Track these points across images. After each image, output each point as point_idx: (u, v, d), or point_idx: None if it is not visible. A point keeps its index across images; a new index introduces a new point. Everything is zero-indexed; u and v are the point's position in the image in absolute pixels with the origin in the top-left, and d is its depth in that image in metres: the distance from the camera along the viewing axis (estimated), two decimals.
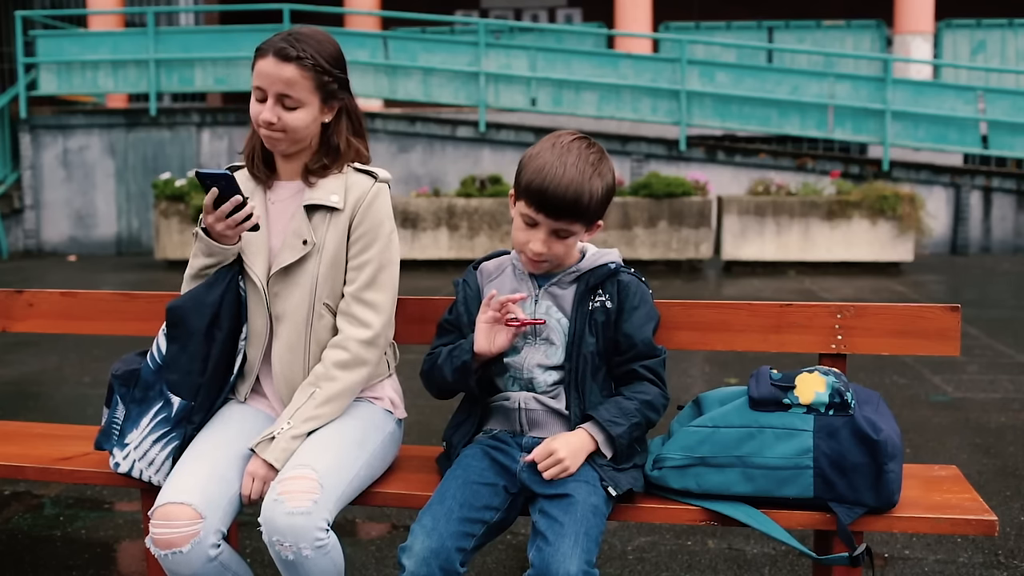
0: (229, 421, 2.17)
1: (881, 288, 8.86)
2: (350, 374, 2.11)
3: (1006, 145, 12.01)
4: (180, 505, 1.94)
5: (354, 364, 2.12)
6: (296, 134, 2.13)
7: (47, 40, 12.78)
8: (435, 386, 2.17)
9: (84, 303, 2.62)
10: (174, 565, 1.95)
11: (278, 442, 2.03)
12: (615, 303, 2.08)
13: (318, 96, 2.12)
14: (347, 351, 2.11)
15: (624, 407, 2.02)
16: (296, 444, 2.04)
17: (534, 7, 18.55)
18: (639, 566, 2.87)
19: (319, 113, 2.14)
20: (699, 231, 10.01)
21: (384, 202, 2.18)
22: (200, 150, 12.61)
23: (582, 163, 1.97)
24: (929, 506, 2.04)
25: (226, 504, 2.01)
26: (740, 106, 11.98)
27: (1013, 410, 4.59)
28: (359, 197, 2.14)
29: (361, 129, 2.26)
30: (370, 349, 2.13)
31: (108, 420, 2.19)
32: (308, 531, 1.87)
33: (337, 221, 2.13)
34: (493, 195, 10.18)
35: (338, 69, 2.15)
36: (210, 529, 1.95)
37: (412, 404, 4.21)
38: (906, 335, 2.26)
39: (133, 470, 2.12)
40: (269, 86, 2.08)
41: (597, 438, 2.00)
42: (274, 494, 1.92)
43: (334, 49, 2.15)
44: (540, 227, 2.00)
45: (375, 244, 2.15)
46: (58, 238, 12.81)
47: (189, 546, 1.93)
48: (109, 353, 5.88)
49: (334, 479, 1.98)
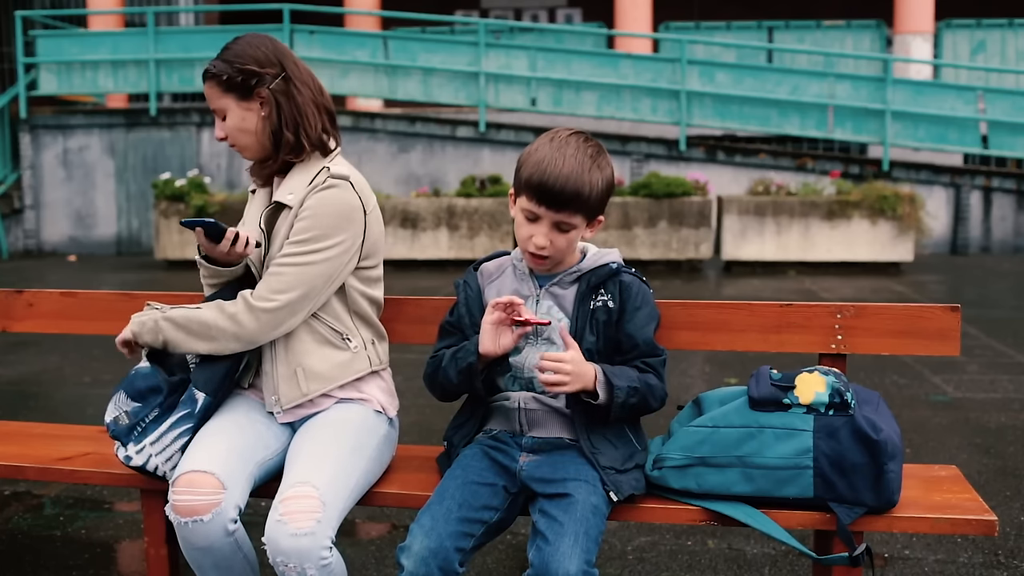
0: (237, 408, 2.20)
1: (881, 288, 8.85)
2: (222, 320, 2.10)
3: (1006, 145, 12.01)
4: (204, 474, 1.96)
5: (231, 317, 2.10)
6: (237, 140, 2.20)
7: (47, 40, 12.78)
8: (439, 388, 2.16)
9: (84, 303, 2.62)
10: (192, 535, 1.95)
11: (146, 314, 2.15)
12: (617, 303, 2.08)
13: (232, 97, 2.16)
14: (234, 304, 2.11)
15: (627, 372, 2.03)
16: (152, 327, 2.12)
17: (534, 7, 18.55)
18: (639, 566, 2.87)
19: (243, 111, 2.16)
20: (699, 231, 10.01)
21: (332, 196, 2.13)
22: (200, 150, 12.61)
23: (581, 155, 1.97)
24: (929, 506, 2.04)
25: (244, 480, 2.04)
26: (740, 106, 11.98)
27: (1013, 410, 4.58)
28: (309, 190, 2.15)
29: (302, 119, 2.17)
30: (252, 316, 2.10)
31: (136, 418, 2.15)
32: (313, 552, 1.87)
33: (288, 215, 2.16)
34: (493, 195, 10.17)
35: (246, 62, 2.14)
36: (231, 502, 1.97)
37: (412, 404, 4.22)
38: (906, 335, 2.26)
39: (148, 464, 2.11)
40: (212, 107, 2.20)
41: (599, 376, 1.98)
42: (276, 514, 1.91)
43: (244, 45, 2.17)
44: (542, 221, 2.00)
45: (305, 233, 2.11)
46: (58, 238, 12.81)
47: (210, 515, 1.94)
48: (109, 353, 5.87)
49: (335, 494, 1.97)
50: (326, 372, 2.19)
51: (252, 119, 2.17)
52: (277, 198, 2.18)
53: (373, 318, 2.29)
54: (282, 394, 2.19)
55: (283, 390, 2.19)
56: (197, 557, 2.01)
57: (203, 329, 2.11)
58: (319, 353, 2.19)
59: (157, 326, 2.13)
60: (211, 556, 1.99)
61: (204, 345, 2.12)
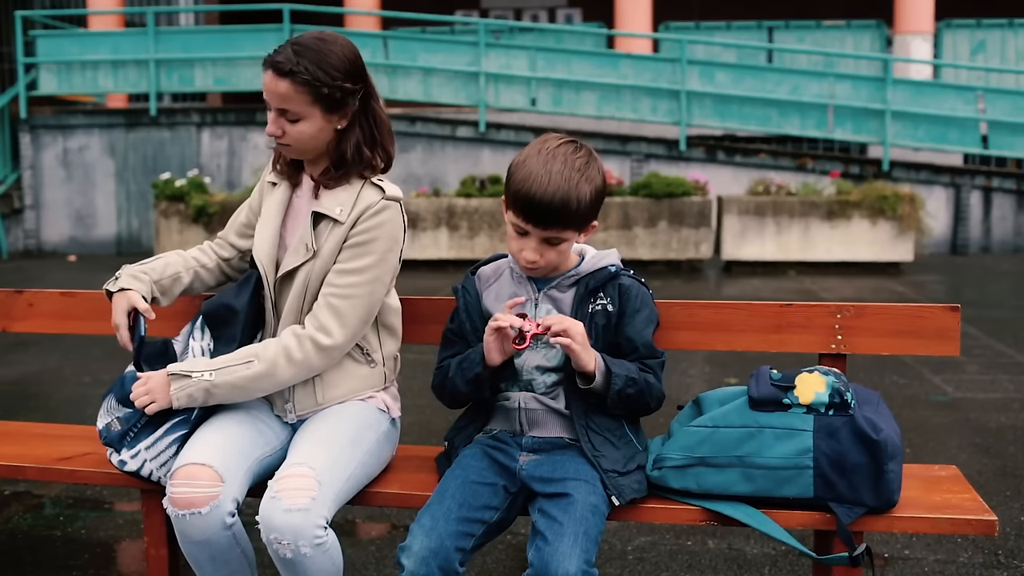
0: (237, 407, 2.17)
1: (881, 288, 8.85)
2: (288, 370, 2.10)
3: (1006, 145, 12.01)
4: (202, 466, 1.95)
5: (299, 363, 2.10)
6: (302, 145, 2.11)
7: (47, 40, 12.78)
8: (448, 397, 2.17)
9: (84, 303, 2.62)
10: (189, 527, 1.94)
11: (191, 385, 2.05)
12: (616, 307, 2.07)
13: (319, 108, 2.07)
14: (301, 349, 2.09)
15: (627, 365, 2.04)
16: (203, 396, 2.06)
17: (534, 7, 18.54)
18: (639, 566, 2.87)
19: (324, 123, 2.09)
20: (699, 231, 10.01)
21: (387, 219, 2.12)
22: (200, 150, 12.60)
23: (568, 170, 1.95)
24: (929, 506, 2.04)
25: (242, 476, 2.03)
26: (740, 106, 11.97)
27: (1013, 410, 4.58)
28: (362, 211, 2.11)
29: (379, 138, 2.17)
30: (322, 356, 2.11)
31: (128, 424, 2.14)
32: (307, 529, 1.87)
33: (336, 232, 2.12)
34: (493, 195, 10.17)
35: (344, 77, 2.07)
36: (228, 496, 1.96)
37: (412, 404, 4.21)
38: (906, 335, 2.26)
39: (143, 469, 2.10)
40: (270, 99, 2.07)
41: (599, 362, 1.99)
42: (271, 492, 1.92)
43: (339, 57, 2.07)
44: (531, 236, 2.00)
45: (362, 258, 2.11)
46: (58, 238, 12.81)
47: (208, 508, 1.93)
48: (109, 353, 5.88)
49: (331, 476, 1.98)
50: (344, 384, 2.20)
51: (330, 131, 2.11)
52: (323, 210, 2.12)
53: (395, 325, 2.29)
54: (297, 402, 2.19)
55: (299, 398, 2.19)
56: (194, 551, 2.00)
57: (268, 384, 2.11)
58: (339, 365, 2.19)
59: (208, 395, 2.08)
60: (208, 550, 1.98)
61: (264, 392, 2.13)
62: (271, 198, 2.25)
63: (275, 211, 2.22)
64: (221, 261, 2.38)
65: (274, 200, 2.24)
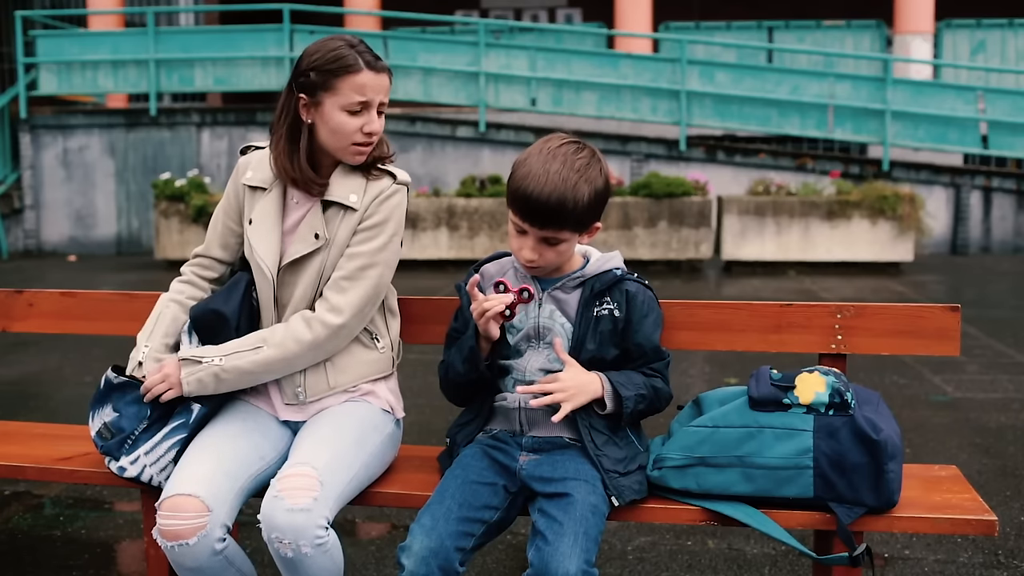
0: (233, 418, 2.17)
1: (881, 288, 8.85)
2: (297, 351, 2.11)
3: (1006, 145, 12.01)
4: (188, 497, 1.94)
5: (309, 344, 2.12)
6: (374, 140, 2.17)
7: (47, 40, 12.78)
8: (451, 386, 2.17)
9: (84, 303, 2.62)
10: (180, 557, 1.95)
11: (201, 370, 2.07)
12: (623, 312, 2.07)
13: None
14: (311, 330, 2.12)
15: (633, 378, 2.04)
16: (212, 382, 2.08)
17: (534, 7, 18.54)
18: (639, 566, 2.87)
19: None
20: (699, 231, 10.01)
21: (396, 203, 2.19)
22: (200, 150, 12.61)
23: (566, 171, 1.95)
24: (929, 506, 2.04)
25: (232, 498, 2.01)
26: (740, 106, 11.97)
27: (1013, 410, 4.59)
28: (374, 196, 2.16)
29: None
30: (332, 337, 2.13)
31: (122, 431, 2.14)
32: (308, 529, 1.87)
33: (350, 219, 2.16)
34: (493, 195, 10.17)
35: None
36: (216, 522, 1.95)
37: (412, 404, 4.21)
38: (906, 335, 2.26)
39: (143, 475, 2.11)
40: (374, 97, 2.11)
41: (605, 386, 1.99)
42: (273, 491, 1.92)
43: None
44: (529, 235, 2.00)
45: (373, 240, 2.16)
46: (58, 238, 12.81)
47: (196, 539, 1.92)
48: (109, 353, 5.88)
49: (333, 477, 1.98)
50: (354, 368, 2.21)
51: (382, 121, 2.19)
52: (336, 198, 2.15)
53: (395, 304, 2.33)
54: (308, 386, 2.19)
55: (310, 382, 2.19)
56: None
57: (278, 367, 2.12)
58: (348, 350, 2.21)
59: (218, 380, 2.10)
60: (203, 575, 1.99)
61: (274, 376, 2.15)
62: (264, 200, 2.22)
63: (274, 210, 2.21)
64: (210, 284, 2.34)
65: (270, 200, 2.21)
